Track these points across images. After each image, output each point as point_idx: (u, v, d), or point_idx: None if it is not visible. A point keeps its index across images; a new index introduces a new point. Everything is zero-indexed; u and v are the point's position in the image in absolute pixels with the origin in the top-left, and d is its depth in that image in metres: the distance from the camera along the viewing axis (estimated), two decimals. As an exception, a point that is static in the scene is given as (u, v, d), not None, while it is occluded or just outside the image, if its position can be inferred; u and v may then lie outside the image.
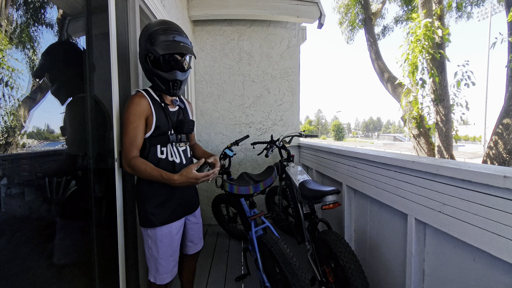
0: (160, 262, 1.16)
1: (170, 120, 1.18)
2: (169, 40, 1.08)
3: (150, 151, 1.14)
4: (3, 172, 0.81)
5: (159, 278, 1.17)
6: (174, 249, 1.20)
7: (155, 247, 1.15)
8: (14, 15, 0.84)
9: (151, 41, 1.08)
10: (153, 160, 1.14)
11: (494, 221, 0.81)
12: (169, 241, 1.17)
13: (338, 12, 8.90)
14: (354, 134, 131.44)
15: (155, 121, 1.12)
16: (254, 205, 1.79)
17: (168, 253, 1.17)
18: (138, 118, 1.08)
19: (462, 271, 0.97)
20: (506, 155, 3.41)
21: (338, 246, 1.37)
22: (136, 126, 1.08)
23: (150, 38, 1.08)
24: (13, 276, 0.79)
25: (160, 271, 1.16)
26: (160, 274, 1.17)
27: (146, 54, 1.11)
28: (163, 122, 1.15)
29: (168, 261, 1.18)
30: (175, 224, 1.20)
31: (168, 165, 1.17)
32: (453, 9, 8.26)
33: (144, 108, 1.09)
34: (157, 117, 1.13)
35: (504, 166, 0.92)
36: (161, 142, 1.16)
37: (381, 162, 1.37)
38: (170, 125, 1.18)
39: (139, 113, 1.08)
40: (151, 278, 1.19)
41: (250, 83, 3.03)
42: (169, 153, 1.18)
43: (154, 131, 1.13)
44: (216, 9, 2.74)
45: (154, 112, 1.12)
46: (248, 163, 3.07)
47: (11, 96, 0.80)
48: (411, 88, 5.12)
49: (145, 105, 1.10)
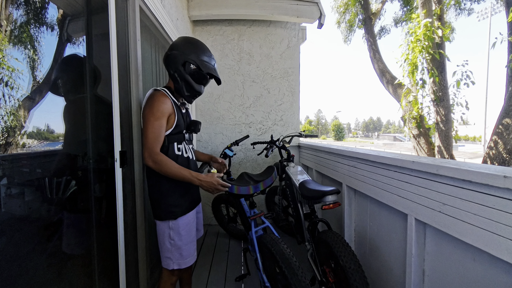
0: (185, 248, 1.25)
1: (184, 121, 1.31)
2: (211, 64, 1.29)
3: (169, 148, 1.23)
4: (3, 172, 0.81)
5: (184, 262, 1.25)
6: (193, 234, 1.32)
7: (178, 237, 1.23)
8: (14, 15, 0.84)
9: (197, 55, 1.24)
10: (172, 156, 1.23)
11: (494, 221, 0.80)
12: (190, 228, 1.28)
13: (337, 12, 8.89)
14: (354, 134, 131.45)
15: (177, 120, 1.23)
16: (254, 205, 1.79)
17: (190, 238, 1.27)
18: (164, 115, 1.17)
19: (462, 271, 0.97)
20: (506, 155, 3.41)
21: (338, 246, 1.37)
22: (161, 123, 1.16)
23: (197, 52, 1.25)
24: (14, 275, 0.79)
25: (184, 255, 1.25)
26: (185, 258, 1.25)
27: (186, 61, 1.23)
28: (181, 122, 1.26)
29: (191, 246, 1.28)
30: (192, 212, 1.31)
31: (184, 161, 1.28)
32: (452, 6, 8.24)
33: (169, 106, 1.19)
34: (178, 116, 1.24)
35: (504, 166, 0.92)
36: (178, 140, 1.27)
37: (381, 162, 1.37)
38: (185, 125, 1.31)
39: (165, 111, 1.17)
40: (175, 265, 1.24)
41: (250, 83, 3.03)
42: (184, 150, 1.30)
43: (174, 129, 1.23)
44: (216, 9, 2.74)
45: (176, 111, 1.23)
46: (248, 163, 3.07)
47: (11, 96, 0.80)
48: (411, 88, 5.12)
49: (170, 104, 1.20)
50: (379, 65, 6.76)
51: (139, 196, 1.43)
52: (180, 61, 1.22)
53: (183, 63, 1.22)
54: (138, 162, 1.41)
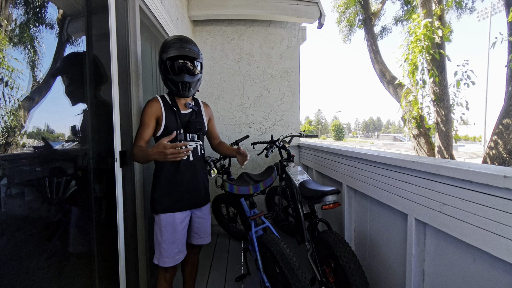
0: (163, 246, 1.27)
1: (180, 121, 1.32)
2: (176, 47, 1.26)
3: None
4: (3, 172, 0.81)
5: (162, 261, 1.27)
6: (177, 237, 1.30)
7: (160, 232, 1.28)
8: (14, 15, 0.84)
9: (163, 50, 1.27)
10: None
11: (494, 221, 0.80)
12: (172, 229, 1.28)
13: (337, 12, 8.89)
14: (354, 134, 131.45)
15: (165, 122, 1.29)
16: (254, 205, 1.79)
17: (170, 239, 1.28)
18: (149, 118, 1.27)
19: (462, 271, 0.97)
20: (506, 155, 3.41)
21: (338, 246, 1.37)
22: (145, 124, 1.26)
23: (163, 48, 1.28)
24: (14, 275, 0.79)
25: (163, 254, 1.27)
26: (163, 257, 1.27)
27: (161, 63, 1.29)
28: (172, 123, 1.30)
29: (171, 247, 1.28)
30: (178, 214, 1.31)
31: (174, 162, 1.29)
32: (454, 7, 8.24)
33: (155, 110, 1.28)
34: (166, 118, 1.29)
35: (504, 166, 0.92)
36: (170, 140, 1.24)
37: (381, 162, 1.37)
38: (179, 125, 1.32)
39: (150, 114, 1.27)
40: (155, 260, 1.30)
41: (250, 83, 3.03)
42: None
43: (164, 130, 1.29)
44: (216, 9, 2.74)
45: (164, 114, 1.29)
46: (248, 163, 3.07)
47: (11, 96, 0.80)
48: (411, 88, 5.12)
49: (156, 107, 1.28)
50: (379, 65, 6.77)
51: (139, 196, 1.43)
52: (160, 66, 1.31)
53: (160, 66, 1.31)
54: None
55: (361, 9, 7.57)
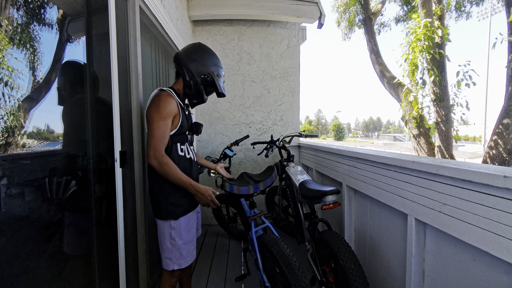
0: (185, 248, 1.25)
1: (188, 122, 1.31)
2: (222, 79, 1.35)
3: (173, 148, 1.23)
4: (3, 172, 0.81)
5: (185, 262, 1.25)
6: (193, 234, 1.32)
7: (179, 236, 1.23)
8: (14, 15, 0.84)
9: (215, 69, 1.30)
10: (175, 156, 1.23)
11: (494, 221, 0.80)
12: (190, 228, 1.29)
13: (337, 11, 8.89)
14: (354, 134, 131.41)
15: (181, 121, 1.23)
16: (254, 205, 1.79)
17: (189, 238, 1.27)
18: (169, 116, 1.17)
19: (462, 271, 0.97)
20: (506, 155, 3.41)
21: (338, 246, 1.37)
22: (167, 123, 1.16)
23: (216, 67, 1.31)
24: (13, 275, 0.79)
25: (184, 255, 1.25)
26: (184, 257, 1.25)
27: (206, 73, 1.27)
28: (185, 123, 1.27)
29: (190, 245, 1.28)
30: (192, 212, 1.31)
31: (186, 162, 1.29)
32: (452, 9, 8.26)
33: (174, 107, 1.19)
34: (182, 117, 1.24)
35: (504, 166, 0.92)
36: (181, 140, 1.28)
37: (381, 162, 1.37)
38: (188, 126, 1.31)
39: (171, 112, 1.17)
40: (175, 266, 1.23)
41: (250, 83, 3.03)
42: (186, 151, 1.31)
43: (178, 130, 1.23)
44: (216, 9, 2.74)
45: (180, 112, 1.24)
46: (248, 163, 3.07)
47: (11, 96, 0.80)
48: (411, 88, 5.12)
49: (175, 105, 1.20)
50: (379, 65, 6.76)
51: (139, 196, 1.43)
52: (201, 72, 1.26)
53: (201, 73, 1.26)
54: (138, 162, 1.41)
55: (361, 9, 7.57)
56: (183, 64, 1.26)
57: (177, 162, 1.22)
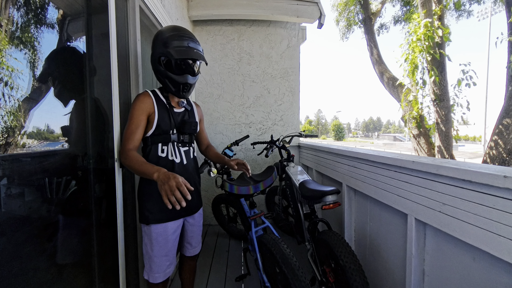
0: (154, 260, 1.17)
1: (173, 120, 1.21)
2: (184, 46, 1.14)
3: (152, 149, 1.18)
4: (3, 172, 0.81)
5: (152, 276, 1.18)
6: (169, 249, 1.20)
7: (150, 245, 1.17)
8: (14, 15, 0.84)
9: (165, 45, 1.13)
10: (153, 157, 1.17)
11: (494, 221, 0.80)
12: (164, 240, 1.18)
13: (337, 11, 8.90)
14: (354, 134, 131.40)
15: (157, 120, 1.16)
16: (254, 205, 1.79)
17: (162, 252, 1.18)
18: (140, 114, 1.13)
19: (462, 271, 0.97)
20: (506, 155, 3.41)
21: (338, 246, 1.37)
22: (136, 122, 1.12)
23: (165, 43, 1.14)
24: (13, 276, 0.79)
25: (153, 269, 1.17)
26: (153, 272, 1.18)
27: (159, 56, 1.16)
28: (165, 122, 1.18)
29: (162, 260, 1.18)
30: (171, 224, 1.20)
31: (167, 163, 1.19)
32: (452, 9, 8.26)
33: (147, 106, 1.14)
34: (159, 116, 1.17)
35: (504, 166, 0.92)
36: (162, 140, 1.20)
37: (381, 162, 1.37)
38: (172, 125, 1.21)
39: (141, 110, 1.13)
40: (145, 275, 1.20)
41: (250, 83, 3.03)
42: (170, 152, 1.21)
43: (156, 130, 1.17)
44: (216, 9, 2.74)
45: (157, 111, 1.17)
46: (248, 163, 3.05)
47: (11, 96, 0.80)
48: (411, 88, 5.12)
49: (149, 104, 1.15)
50: (379, 65, 6.76)
51: (139, 196, 1.43)
52: (155, 59, 1.17)
53: (158, 60, 1.16)
54: (138, 162, 1.41)
55: (361, 9, 7.57)
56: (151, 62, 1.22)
57: (155, 162, 1.14)
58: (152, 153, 1.17)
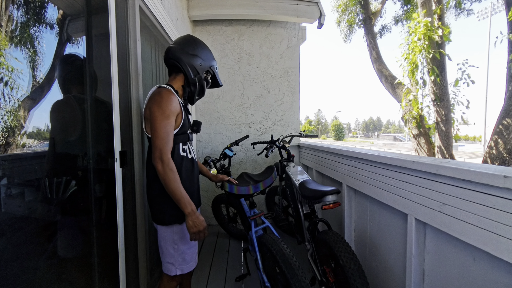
0: (187, 252, 1.23)
1: (189, 120, 1.26)
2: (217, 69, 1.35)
3: (175, 149, 1.18)
4: (3, 172, 0.81)
5: (187, 267, 1.23)
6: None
7: (182, 241, 1.21)
8: (14, 15, 0.84)
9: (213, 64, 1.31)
10: (178, 158, 1.18)
11: (494, 221, 0.80)
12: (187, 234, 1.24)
13: (337, 11, 8.90)
14: (354, 134, 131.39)
15: (183, 120, 1.17)
16: (254, 205, 1.79)
17: (193, 242, 1.25)
18: (173, 115, 1.11)
19: (462, 271, 0.97)
20: (506, 155, 3.41)
21: (338, 246, 1.37)
22: (171, 122, 1.10)
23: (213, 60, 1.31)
24: (13, 276, 0.79)
25: (187, 260, 1.23)
26: (187, 262, 1.23)
27: (210, 69, 1.29)
28: (186, 121, 1.21)
29: (193, 249, 1.27)
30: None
31: (188, 162, 1.25)
32: (452, 7, 8.26)
33: (177, 106, 1.14)
34: (184, 116, 1.19)
35: (504, 166, 0.92)
36: (183, 140, 1.23)
37: (381, 162, 1.37)
38: (190, 124, 1.27)
39: (174, 110, 1.11)
40: (178, 271, 1.20)
41: (250, 83, 3.03)
42: (188, 151, 1.26)
43: (180, 129, 1.17)
44: (216, 9, 2.74)
45: (183, 111, 1.19)
46: (248, 163, 3.07)
47: (11, 96, 0.80)
48: (411, 87, 5.12)
49: (178, 103, 1.15)
50: (379, 65, 6.76)
51: (139, 196, 1.43)
52: (204, 68, 1.26)
53: (206, 69, 1.26)
54: (138, 162, 1.41)
55: (361, 9, 7.57)
56: (185, 61, 1.20)
57: (180, 163, 1.17)
58: (176, 153, 1.17)
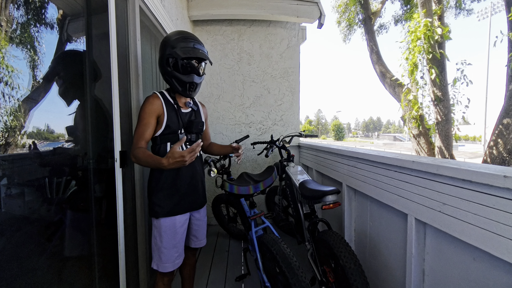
0: (163, 252, 1.23)
1: (181, 120, 1.28)
2: (189, 47, 1.22)
3: (161, 148, 1.24)
4: (3, 172, 0.81)
5: (162, 266, 1.24)
6: (177, 241, 1.26)
7: (159, 237, 1.23)
8: (14, 15, 0.84)
9: (173, 47, 1.21)
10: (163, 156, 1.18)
11: (494, 221, 0.80)
12: (172, 233, 1.24)
13: (337, 12, 8.89)
14: (354, 134, 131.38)
15: (166, 120, 1.22)
16: (254, 205, 1.79)
17: (171, 244, 1.24)
18: (149, 116, 1.18)
19: (462, 271, 0.97)
20: (506, 155, 3.41)
21: (338, 246, 1.37)
22: (146, 123, 1.18)
23: (171, 44, 1.21)
24: (14, 275, 0.79)
25: (162, 259, 1.23)
26: (163, 262, 1.23)
27: (167, 58, 1.22)
28: (173, 122, 1.24)
29: (171, 251, 1.24)
30: (179, 217, 1.26)
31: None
32: (452, 7, 8.26)
33: (156, 107, 1.20)
34: (168, 116, 1.23)
35: (504, 166, 0.92)
36: (171, 140, 1.25)
37: (381, 162, 1.37)
38: (180, 125, 1.27)
39: (151, 112, 1.19)
40: (154, 265, 1.25)
41: (250, 83, 3.03)
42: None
43: (165, 130, 1.23)
44: (216, 9, 2.74)
45: (166, 112, 1.23)
46: (248, 163, 3.07)
47: (11, 96, 0.80)
48: (411, 87, 5.12)
49: (158, 105, 1.21)
50: (379, 65, 6.76)
51: (139, 196, 1.43)
52: (163, 60, 1.24)
53: (166, 61, 1.23)
54: (138, 162, 1.41)
55: (361, 9, 7.57)
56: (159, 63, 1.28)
57: None
58: (162, 151, 1.23)
